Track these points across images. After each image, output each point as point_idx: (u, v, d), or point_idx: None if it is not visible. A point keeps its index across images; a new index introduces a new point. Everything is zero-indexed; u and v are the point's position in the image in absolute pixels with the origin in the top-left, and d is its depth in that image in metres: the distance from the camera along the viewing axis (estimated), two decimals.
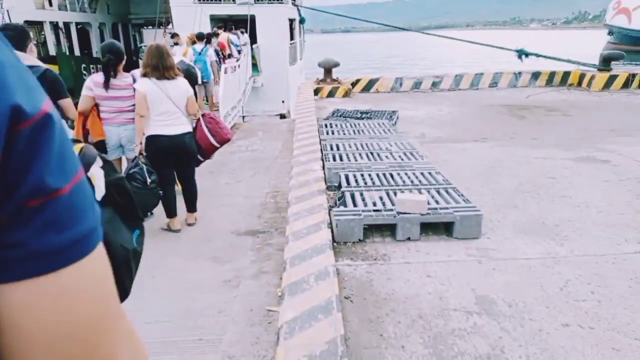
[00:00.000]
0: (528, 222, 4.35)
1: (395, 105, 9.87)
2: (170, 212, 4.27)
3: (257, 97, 15.22)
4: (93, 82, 4.05)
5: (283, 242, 4.25)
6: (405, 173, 4.90)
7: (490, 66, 20.04)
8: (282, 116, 15.21)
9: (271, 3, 16.23)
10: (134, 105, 4.00)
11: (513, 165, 6.12)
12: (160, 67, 3.83)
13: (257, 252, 3.86)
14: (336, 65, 11.87)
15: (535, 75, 12.62)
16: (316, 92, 11.10)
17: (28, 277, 0.36)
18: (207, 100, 9.99)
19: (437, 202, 4.13)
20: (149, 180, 3.69)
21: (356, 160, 5.40)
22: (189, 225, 4.38)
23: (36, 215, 0.35)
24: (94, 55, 17.71)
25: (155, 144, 3.90)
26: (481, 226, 3.95)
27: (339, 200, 4.40)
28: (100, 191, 1.04)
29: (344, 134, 6.86)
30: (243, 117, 11.87)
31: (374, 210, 3.91)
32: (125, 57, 4.18)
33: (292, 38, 17.64)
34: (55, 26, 16.22)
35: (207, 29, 13.57)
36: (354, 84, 11.76)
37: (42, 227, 0.36)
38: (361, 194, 4.28)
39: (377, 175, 4.82)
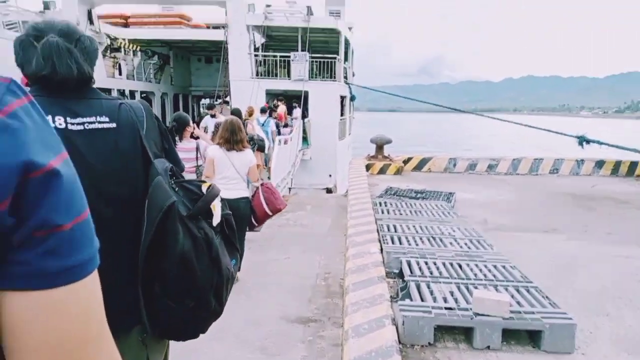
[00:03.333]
0: (628, 336, 3.65)
1: (451, 187, 9.44)
2: None
3: (305, 170, 15.27)
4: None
5: (338, 335, 3.74)
6: (475, 264, 4.37)
7: (545, 152, 19.42)
8: (329, 190, 15.08)
9: (324, 80, 16.78)
10: (194, 166, 4.50)
11: (591, 263, 5.44)
12: (231, 141, 4.27)
13: (309, 346, 3.38)
14: (388, 142, 11.76)
15: (600, 164, 11.95)
16: (367, 168, 10.90)
17: (27, 289, 0.44)
18: (266, 166, 10.07)
19: (518, 303, 3.56)
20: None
21: (417, 244, 4.94)
22: None
23: (40, 243, 0.45)
24: None
25: None
26: (574, 338, 3.31)
27: (401, 290, 3.90)
28: (217, 219, 1.39)
29: (401, 214, 6.45)
30: (290, 189, 11.79)
31: (446, 308, 3.38)
32: (190, 125, 4.63)
33: (342, 114, 17.99)
34: (121, 93, 17.34)
35: (262, 102, 14.05)
36: (405, 162, 11.51)
37: (44, 253, 0.45)
38: (428, 286, 3.77)
39: (444, 264, 4.32)
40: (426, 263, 4.31)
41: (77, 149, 1.23)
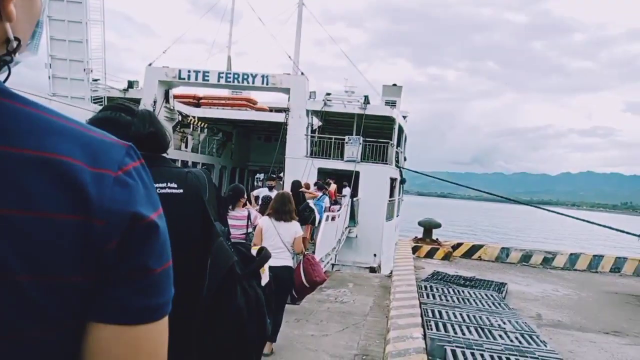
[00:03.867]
0: None
1: (502, 277, 9.04)
2: None
3: (350, 248, 15.19)
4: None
5: None
6: None
7: (606, 250, 18.28)
8: (373, 269, 14.80)
9: (376, 163, 17.17)
10: (244, 234, 4.73)
11: None
12: (280, 211, 4.52)
13: None
14: (437, 226, 11.61)
15: None
16: (413, 250, 10.72)
17: (115, 323, 0.50)
18: (312, 240, 10.21)
19: None
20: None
21: (464, 334, 4.72)
22: (265, 356, 4.18)
23: (135, 283, 0.52)
24: None
25: None
26: None
27: None
28: (265, 279, 1.59)
29: (447, 300, 6.23)
30: (333, 265, 11.71)
31: None
32: (244, 196, 5.04)
33: (391, 195, 18.09)
34: (185, 164, 18.57)
35: (314, 179, 14.51)
36: (454, 248, 11.23)
37: (135, 291, 0.51)
38: None
39: (492, 357, 4.08)
40: (472, 354, 4.10)
41: None
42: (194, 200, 1.47)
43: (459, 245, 11.45)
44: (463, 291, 6.87)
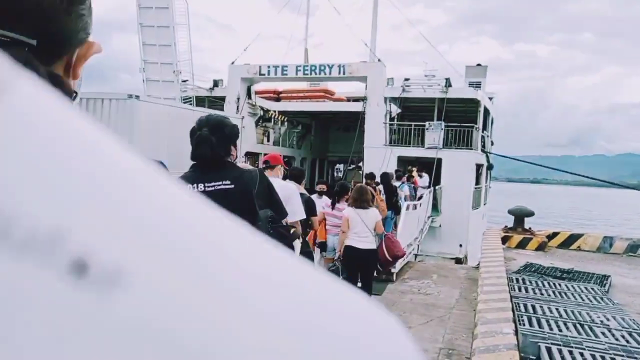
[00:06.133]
0: None
1: (605, 269, 8.22)
2: None
3: (434, 238, 14.76)
4: (324, 203, 6.03)
5: None
6: None
7: None
8: (458, 260, 14.25)
9: (459, 149, 16.45)
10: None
11: None
12: (360, 200, 5.30)
13: None
14: (530, 214, 10.85)
15: None
16: (503, 240, 10.13)
17: None
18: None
19: None
20: (340, 277, 3.74)
21: (560, 330, 4.36)
22: None
23: None
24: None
25: (348, 252, 5.27)
26: None
27: None
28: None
29: (542, 294, 5.80)
30: (416, 255, 11.45)
31: None
32: (348, 192, 5.82)
33: (477, 182, 17.26)
34: None
35: (394, 167, 14.28)
36: (550, 237, 10.42)
37: None
38: None
39: (593, 357, 3.73)
40: (571, 353, 3.77)
41: None
42: (243, 192, 1.99)
43: (555, 234, 10.59)
44: (560, 284, 6.35)
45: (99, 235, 0.16)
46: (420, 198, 12.61)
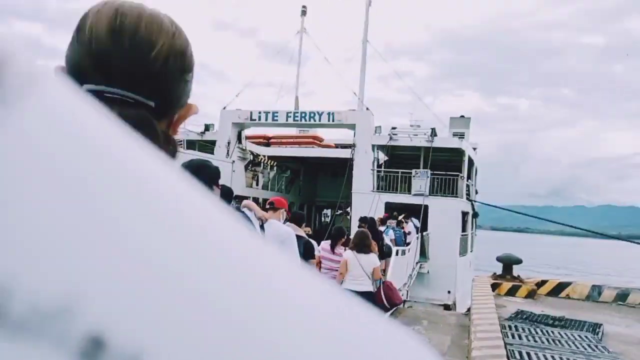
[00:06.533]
0: None
1: (596, 317, 8.21)
2: None
3: (422, 284, 14.66)
4: (322, 247, 5.91)
5: None
6: None
7: None
8: (447, 307, 14.12)
9: (445, 196, 16.69)
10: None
11: None
12: (360, 245, 5.39)
13: None
14: (518, 262, 10.90)
15: None
16: (492, 288, 10.10)
17: None
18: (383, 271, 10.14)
19: None
20: None
21: None
22: None
23: None
24: None
25: None
26: None
27: None
28: None
29: (535, 341, 5.75)
30: (405, 301, 11.32)
31: None
32: (344, 237, 5.92)
33: (463, 230, 17.41)
34: (256, 201, 19.22)
35: (381, 213, 14.35)
36: (539, 285, 10.43)
37: None
38: None
39: None
40: None
41: None
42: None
43: (544, 282, 10.61)
44: (553, 332, 6.31)
45: (117, 307, 0.13)
46: (408, 244, 12.63)
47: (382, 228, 10.27)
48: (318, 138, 23.17)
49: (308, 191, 24.70)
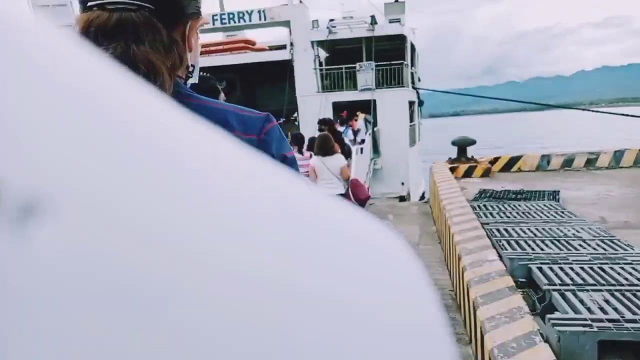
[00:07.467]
0: None
1: (548, 185, 8.58)
2: None
3: (377, 180, 14.82)
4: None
5: (467, 353, 3.29)
6: (621, 267, 3.72)
7: (630, 144, 17.50)
8: (402, 198, 14.50)
9: (392, 88, 16.36)
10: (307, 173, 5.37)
11: None
12: (324, 148, 5.28)
13: None
14: (472, 143, 11.05)
15: None
16: (450, 171, 10.27)
17: None
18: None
19: None
20: None
21: (542, 249, 4.34)
22: None
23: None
24: None
25: None
26: None
27: (539, 302, 3.37)
28: None
29: (507, 217, 5.83)
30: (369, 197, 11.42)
31: (609, 320, 2.81)
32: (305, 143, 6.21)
33: (411, 120, 17.43)
34: None
35: (329, 114, 13.90)
36: (492, 163, 10.72)
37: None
38: (575, 295, 3.21)
39: (582, 269, 3.71)
40: (561, 269, 3.72)
41: None
42: None
43: (496, 159, 10.91)
44: (519, 205, 6.45)
45: (9, 156, 0.11)
46: (362, 142, 12.44)
47: (341, 128, 9.91)
48: (250, 42, 21.27)
49: (247, 102, 23.38)
